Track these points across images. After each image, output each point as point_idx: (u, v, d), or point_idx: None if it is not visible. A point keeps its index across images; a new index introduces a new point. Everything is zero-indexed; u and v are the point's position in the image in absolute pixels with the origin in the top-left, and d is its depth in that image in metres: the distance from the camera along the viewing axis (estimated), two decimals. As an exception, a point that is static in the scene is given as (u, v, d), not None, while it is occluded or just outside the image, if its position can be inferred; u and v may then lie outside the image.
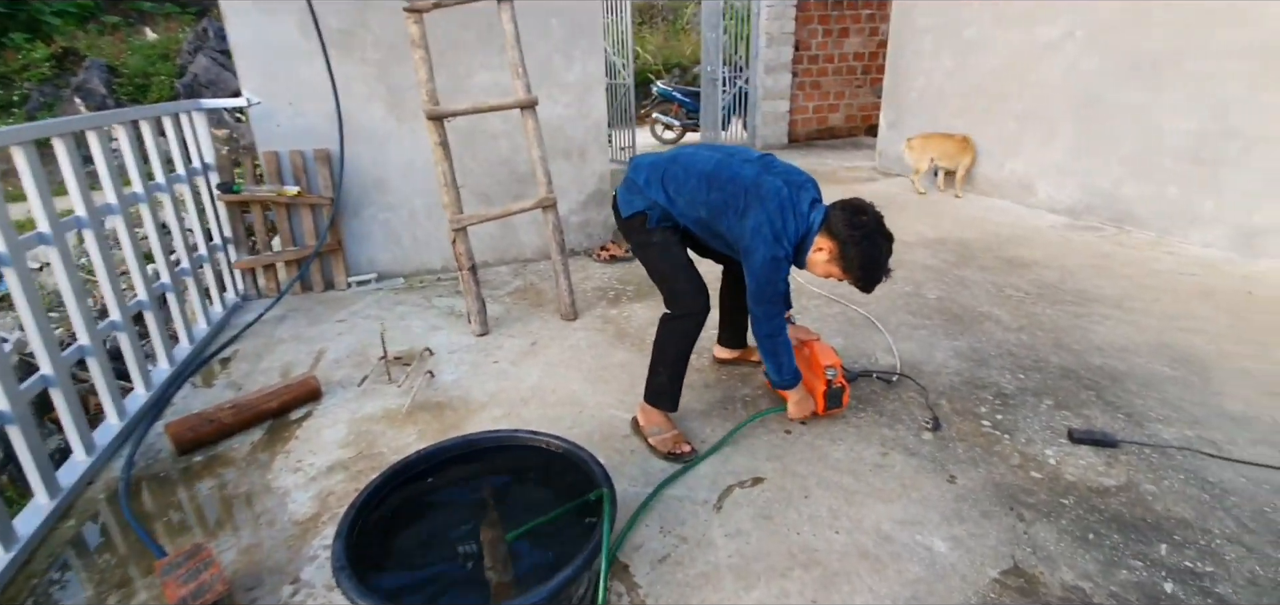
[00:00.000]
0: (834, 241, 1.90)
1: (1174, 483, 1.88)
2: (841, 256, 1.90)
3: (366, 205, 3.94)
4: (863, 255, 1.87)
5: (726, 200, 1.97)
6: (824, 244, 1.93)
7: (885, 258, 1.91)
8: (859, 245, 1.86)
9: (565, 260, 3.27)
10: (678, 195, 2.07)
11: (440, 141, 3.00)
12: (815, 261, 1.97)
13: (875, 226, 1.89)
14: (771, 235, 1.88)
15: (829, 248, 1.92)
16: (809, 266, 1.99)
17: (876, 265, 1.90)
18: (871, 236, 1.87)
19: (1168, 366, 2.58)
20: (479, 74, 3.85)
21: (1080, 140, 4.80)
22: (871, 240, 1.87)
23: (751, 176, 1.96)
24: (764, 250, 1.88)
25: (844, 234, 1.88)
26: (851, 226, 1.87)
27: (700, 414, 2.37)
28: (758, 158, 2.07)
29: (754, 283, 1.95)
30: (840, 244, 1.89)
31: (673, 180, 2.09)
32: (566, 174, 4.26)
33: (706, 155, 2.08)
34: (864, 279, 1.93)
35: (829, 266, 1.95)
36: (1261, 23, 3.65)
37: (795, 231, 1.92)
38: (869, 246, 1.87)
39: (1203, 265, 3.78)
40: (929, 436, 2.16)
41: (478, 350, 2.99)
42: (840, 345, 2.90)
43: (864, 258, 1.87)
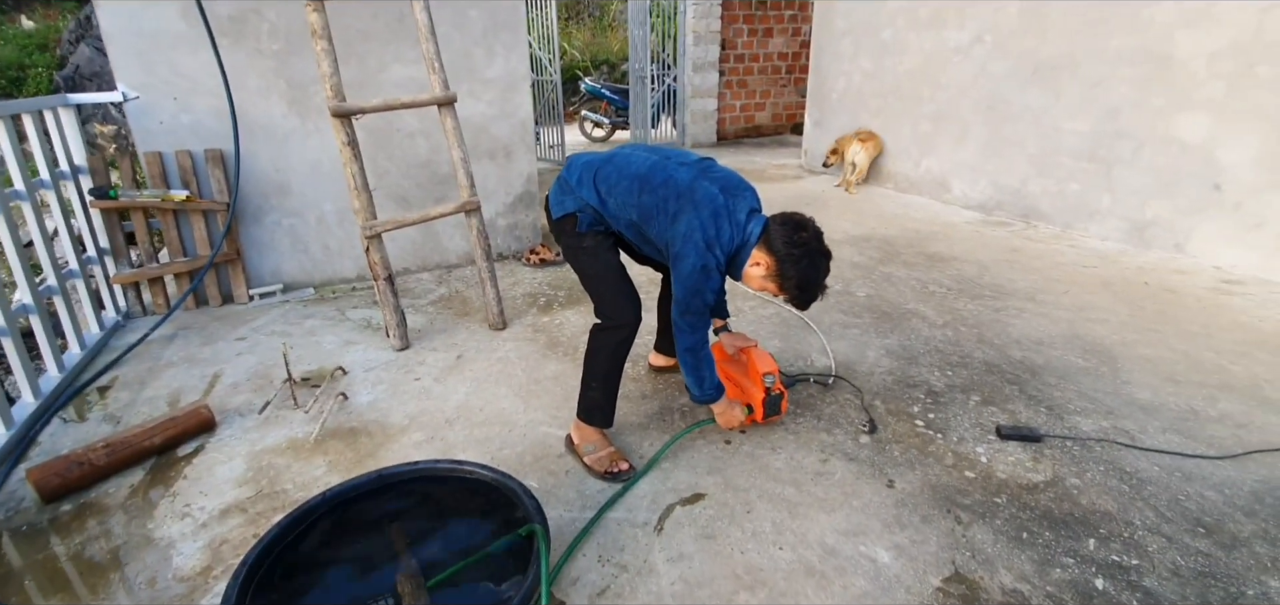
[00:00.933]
0: (772, 257, 1.83)
1: (1095, 475, 1.94)
2: (779, 274, 1.83)
3: (269, 211, 3.60)
4: (801, 274, 1.81)
5: (658, 203, 1.87)
6: (761, 259, 1.85)
7: (823, 276, 1.86)
8: (798, 264, 1.80)
9: (491, 266, 3.09)
10: (609, 196, 1.96)
11: (348, 141, 2.75)
12: (751, 276, 1.90)
13: (815, 244, 1.83)
14: (703, 242, 1.79)
15: (767, 263, 1.85)
16: (744, 280, 1.92)
17: (814, 285, 1.85)
18: (811, 255, 1.81)
19: (1080, 358, 2.71)
20: (392, 68, 3.59)
21: (989, 140, 5.04)
22: (811, 259, 1.81)
23: (686, 180, 1.86)
24: (694, 257, 1.79)
25: (783, 251, 1.81)
26: (791, 244, 1.80)
27: (637, 427, 2.27)
28: (696, 162, 1.98)
29: (681, 290, 1.85)
30: (778, 261, 1.82)
31: (605, 181, 1.97)
32: (492, 175, 4.06)
33: (642, 157, 1.98)
34: (801, 298, 1.87)
35: (765, 282, 1.88)
36: (1147, 30, 3.93)
37: (730, 240, 1.84)
38: (808, 266, 1.81)
39: (1101, 257, 4.03)
40: (866, 440, 2.16)
41: (397, 367, 2.78)
42: (776, 347, 2.87)
43: (802, 277, 1.82)
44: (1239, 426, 2.18)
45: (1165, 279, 3.63)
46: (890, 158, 6.03)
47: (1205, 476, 1.92)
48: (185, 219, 3.43)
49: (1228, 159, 3.67)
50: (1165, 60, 3.87)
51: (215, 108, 3.30)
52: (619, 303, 2.00)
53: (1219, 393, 2.40)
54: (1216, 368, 2.60)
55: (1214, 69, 3.65)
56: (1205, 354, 2.72)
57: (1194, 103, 3.77)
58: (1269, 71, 3.43)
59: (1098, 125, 4.29)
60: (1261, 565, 1.58)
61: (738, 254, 1.87)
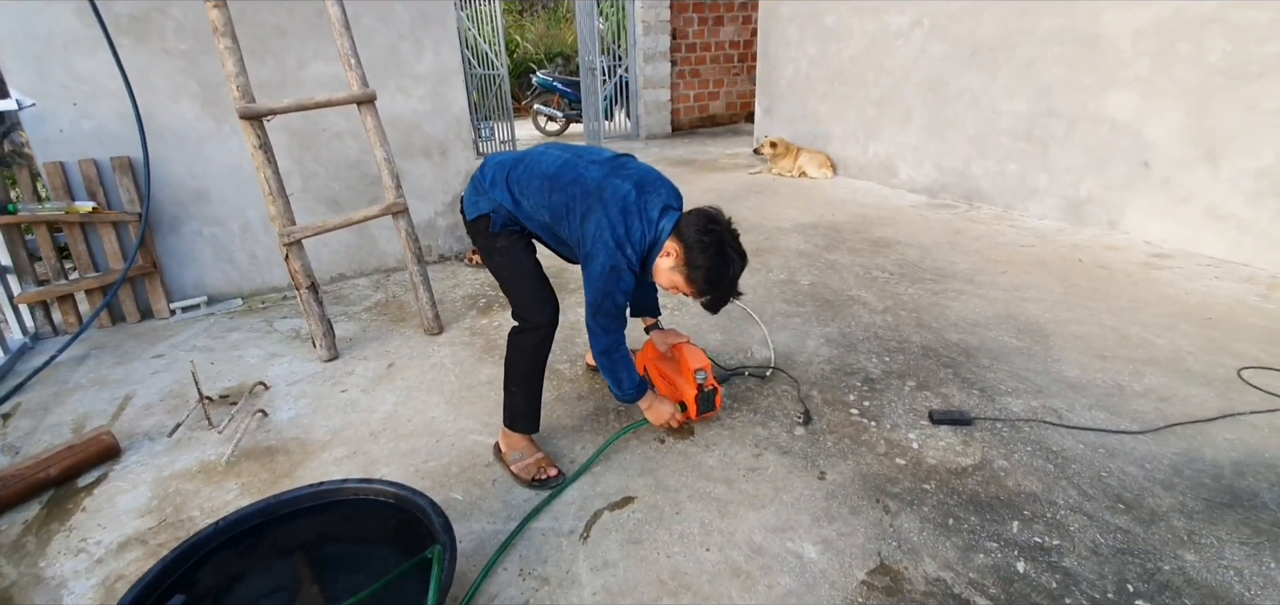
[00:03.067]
0: (681, 245, 1.77)
1: (1023, 456, 1.95)
2: (687, 263, 1.76)
3: (187, 220, 3.41)
4: (709, 265, 1.73)
5: (568, 203, 1.79)
6: (672, 248, 1.79)
7: (735, 275, 1.78)
8: (706, 253, 1.72)
9: (423, 270, 2.97)
10: (523, 197, 1.88)
11: (260, 144, 2.60)
12: (660, 267, 1.82)
13: (727, 239, 1.76)
14: (613, 241, 1.71)
15: (676, 252, 1.78)
16: (655, 274, 1.85)
17: (723, 281, 1.76)
18: (721, 248, 1.74)
19: (1014, 337, 2.74)
20: (313, 65, 3.43)
21: (932, 123, 5.09)
22: (721, 252, 1.73)
23: (596, 179, 1.79)
24: (603, 257, 1.71)
25: (692, 239, 1.74)
26: (701, 232, 1.74)
27: (570, 430, 2.20)
28: (609, 158, 1.91)
29: (592, 292, 1.77)
30: (687, 249, 1.75)
31: (517, 181, 1.89)
32: (428, 174, 3.93)
33: (554, 156, 1.90)
34: (709, 291, 1.78)
35: (673, 274, 1.81)
36: (1076, 12, 4.00)
37: (641, 238, 1.76)
38: (717, 258, 1.73)
39: (1039, 236, 4.11)
40: (801, 431, 2.13)
41: (324, 379, 2.65)
42: (717, 340, 2.84)
43: (710, 270, 1.73)
44: (1162, 400, 2.22)
45: (1099, 256, 3.71)
46: (838, 143, 6.06)
47: (1127, 452, 1.94)
48: (94, 232, 3.23)
49: (1155, 135, 3.77)
50: (1093, 40, 3.94)
51: (120, 112, 3.10)
52: (534, 303, 1.93)
53: (1144, 367, 2.45)
54: (1142, 342, 2.65)
55: (1139, 47, 3.74)
56: (1132, 329, 2.78)
57: (1121, 80, 3.86)
58: (1189, 47, 3.53)
59: (1032, 105, 4.36)
60: (1178, 539, 1.60)
61: (651, 251, 1.81)
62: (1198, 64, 3.50)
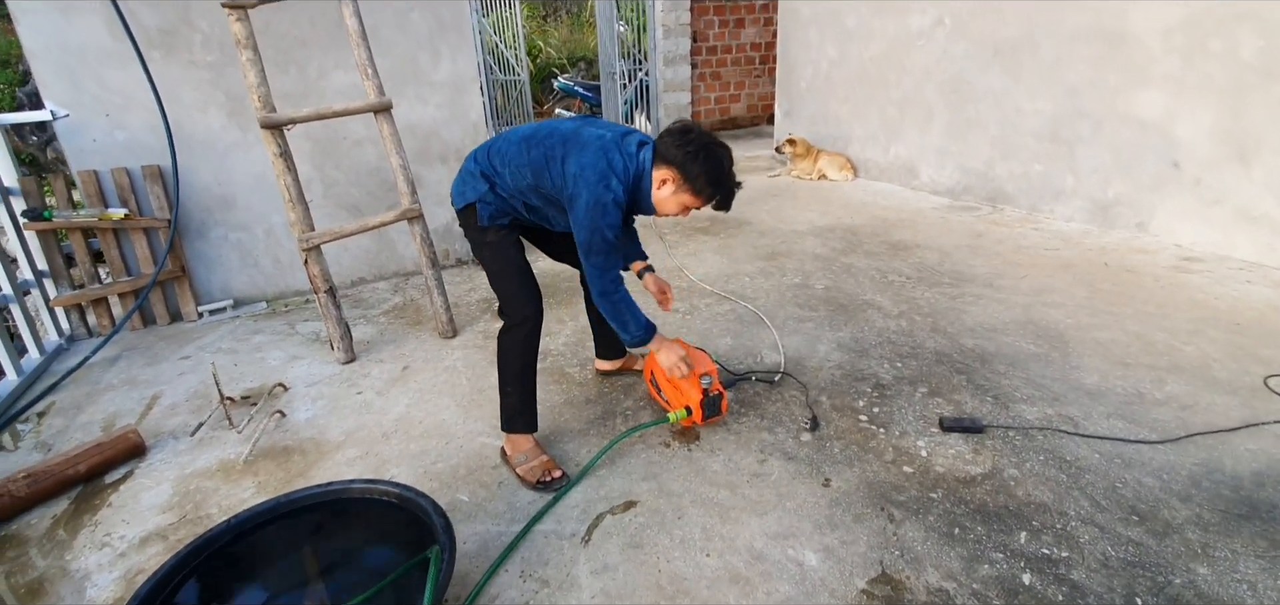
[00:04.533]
0: (671, 168, 1.80)
1: (1034, 465, 1.90)
2: (686, 180, 1.80)
3: (214, 225, 3.52)
4: (707, 169, 1.78)
5: (546, 154, 1.84)
6: (664, 175, 1.82)
7: (730, 166, 1.83)
8: (698, 160, 1.77)
9: (438, 274, 3.02)
10: (504, 168, 1.93)
11: (280, 152, 2.68)
12: (663, 198, 1.85)
13: (707, 139, 1.81)
14: (595, 175, 1.75)
15: (670, 176, 1.81)
16: (658, 207, 1.88)
17: (724, 174, 1.81)
18: (708, 149, 1.79)
19: (1032, 343, 2.68)
20: (333, 75, 3.51)
21: (954, 123, 5.01)
22: (709, 153, 1.78)
23: (571, 128, 1.88)
24: (587, 193, 1.75)
25: (679, 157, 1.78)
26: (684, 146, 1.78)
27: (578, 433, 2.22)
28: (580, 117, 1.96)
29: (582, 233, 1.79)
30: (679, 168, 1.79)
31: (498, 154, 1.95)
32: (445, 180, 3.98)
33: (528, 126, 1.99)
34: (716, 191, 1.82)
35: (678, 195, 1.83)
36: (1101, 9, 3.89)
37: (625, 170, 1.80)
38: (708, 159, 1.78)
39: (1064, 239, 4.01)
40: (808, 437, 2.11)
41: (340, 381, 2.71)
42: (728, 344, 2.83)
43: (709, 171, 1.78)
44: (1183, 408, 2.15)
45: (1125, 259, 3.60)
46: (859, 145, 5.99)
47: (1145, 462, 1.89)
48: (126, 237, 3.35)
49: (1185, 135, 3.65)
50: (1120, 37, 3.84)
51: (151, 123, 3.21)
52: (519, 297, 1.98)
53: (1167, 374, 2.37)
54: (1168, 348, 2.57)
55: (1168, 44, 3.63)
56: (1158, 334, 2.69)
57: (1150, 79, 3.75)
58: (1220, 44, 3.41)
59: (1058, 105, 4.26)
60: (1192, 552, 1.55)
61: (639, 184, 1.85)
62: (1230, 61, 3.39)
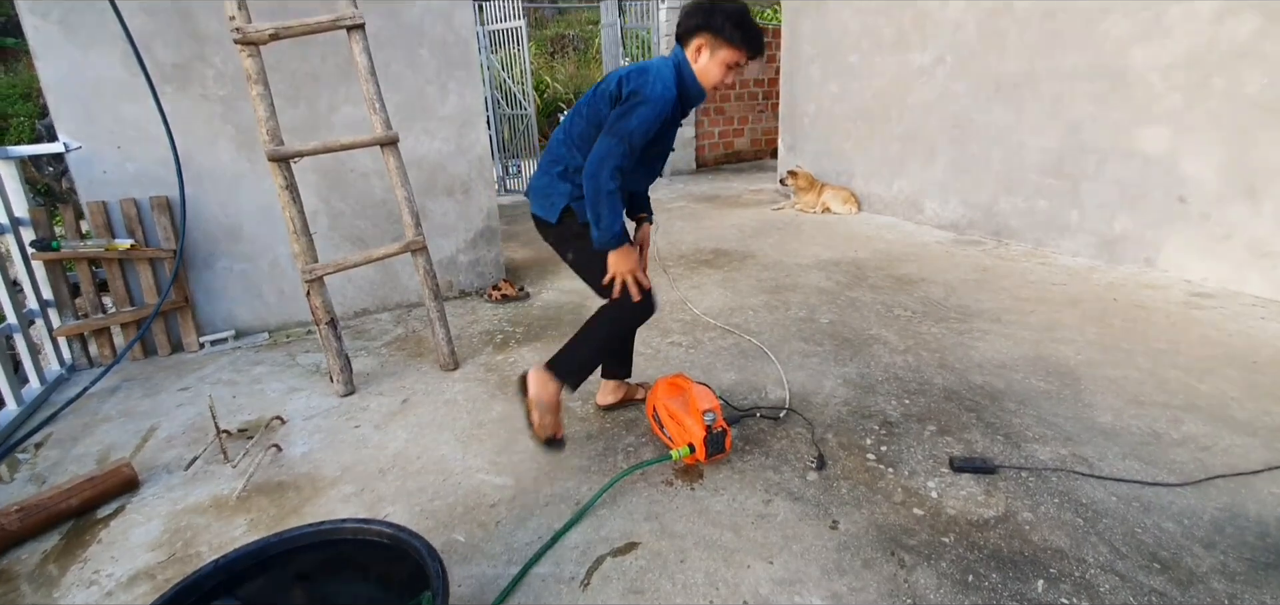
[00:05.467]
0: (699, 34, 1.91)
1: (1049, 508, 1.84)
2: (715, 34, 1.89)
3: (219, 256, 3.53)
4: (729, 17, 1.88)
5: (592, 97, 2.00)
6: (698, 42, 1.92)
7: (746, 9, 1.93)
8: (717, 13, 1.88)
9: (441, 306, 3.01)
10: (570, 152, 2.04)
11: (286, 185, 2.69)
12: (704, 67, 1.94)
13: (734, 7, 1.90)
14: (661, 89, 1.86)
15: (703, 41, 1.92)
16: (703, 77, 1.96)
17: (745, 17, 1.90)
18: (719, 4, 1.89)
19: (1042, 381, 2.62)
20: (343, 108, 3.55)
21: (957, 158, 5.01)
22: (723, 7, 1.89)
23: (622, 70, 1.98)
24: (650, 106, 1.85)
25: (701, 21, 1.90)
26: (700, 11, 1.90)
27: (578, 471, 2.17)
28: None
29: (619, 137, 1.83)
30: (705, 29, 1.90)
31: (568, 138, 2.05)
32: (451, 212, 4.01)
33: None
34: (745, 34, 1.90)
35: (716, 56, 1.92)
36: (1102, 45, 3.92)
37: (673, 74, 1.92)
38: (726, 11, 1.88)
39: (1071, 274, 3.97)
40: (814, 477, 2.06)
41: (339, 414, 2.68)
42: (733, 379, 2.79)
43: (732, 18, 1.88)
44: (1202, 450, 2.09)
45: (1135, 294, 3.56)
46: (862, 180, 6.01)
47: (1165, 506, 1.83)
48: (131, 267, 3.35)
49: (1191, 170, 3.64)
50: (1121, 74, 3.85)
51: (161, 155, 3.24)
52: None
53: (1184, 414, 2.31)
54: (1183, 387, 2.51)
55: (1170, 81, 3.64)
56: (1171, 372, 2.64)
57: (1153, 115, 3.75)
58: (1223, 82, 3.42)
59: (1061, 141, 4.27)
60: (1218, 603, 1.49)
61: (680, 75, 1.95)
62: (1234, 98, 3.39)
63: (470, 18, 3.76)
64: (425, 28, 3.64)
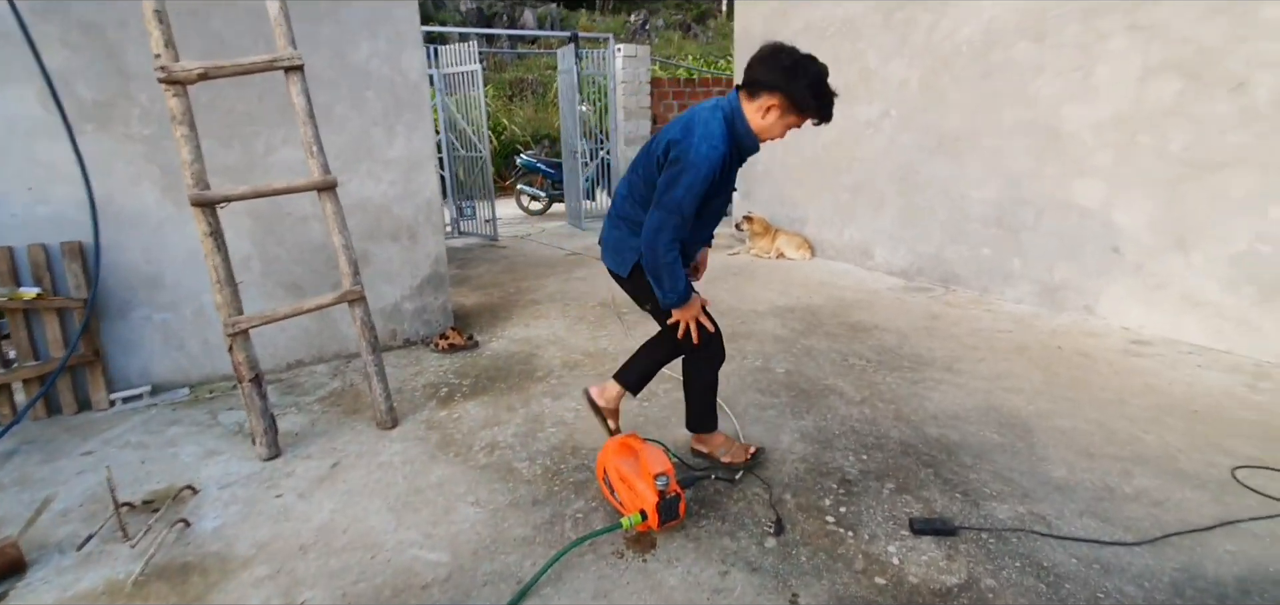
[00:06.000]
0: (774, 93, 1.83)
1: (1012, 573, 1.79)
2: (792, 100, 1.82)
3: (137, 305, 3.26)
4: (813, 85, 1.80)
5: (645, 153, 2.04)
6: (768, 102, 1.85)
7: (826, 76, 1.83)
8: (799, 77, 1.79)
9: (379, 359, 2.83)
10: (641, 202, 2.04)
11: (211, 231, 2.50)
12: (767, 125, 1.89)
13: (800, 56, 1.81)
14: (705, 145, 1.82)
15: (775, 102, 1.84)
16: (762, 134, 1.92)
17: (824, 87, 1.82)
18: (804, 65, 1.81)
19: (996, 432, 2.61)
20: (282, 150, 3.38)
21: (905, 208, 5.14)
22: (806, 69, 1.80)
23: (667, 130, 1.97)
24: (705, 148, 1.82)
25: (779, 80, 1.80)
26: (780, 68, 1.80)
27: (521, 542, 2.01)
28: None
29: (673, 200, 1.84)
30: (782, 91, 1.81)
31: (631, 194, 2.10)
32: (396, 257, 3.84)
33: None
34: (820, 104, 1.83)
35: (784, 119, 1.88)
36: (1036, 104, 4.10)
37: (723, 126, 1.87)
38: (807, 73, 1.80)
39: (1016, 321, 4.05)
40: (773, 543, 1.96)
41: (260, 481, 2.45)
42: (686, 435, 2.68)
43: (812, 86, 1.80)
44: (1155, 505, 2.08)
45: (1078, 342, 3.65)
46: (815, 226, 6.10)
47: (1124, 567, 1.79)
48: (37, 318, 3.06)
49: (1124, 223, 3.79)
50: (1056, 132, 4.02)
51: (77, 197, 3.00)
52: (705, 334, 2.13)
53: (1134, 466, 2.32)
54: (1130, 438, 2.54)
55: (1101, 138, 3.81)
56: (1119, 423, 2.67)
57: (1086, 170, 3.91)
58: (1151, 139, 3.59)
59: (1002, 193, 4.41)
60: (1185, 676, 1.44)
61: (733, 128, 1.89)
62: (1161, 155, 3.56)
63: (420, 60, 3.66)
64: (372, 70, 3.52)
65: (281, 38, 2.67)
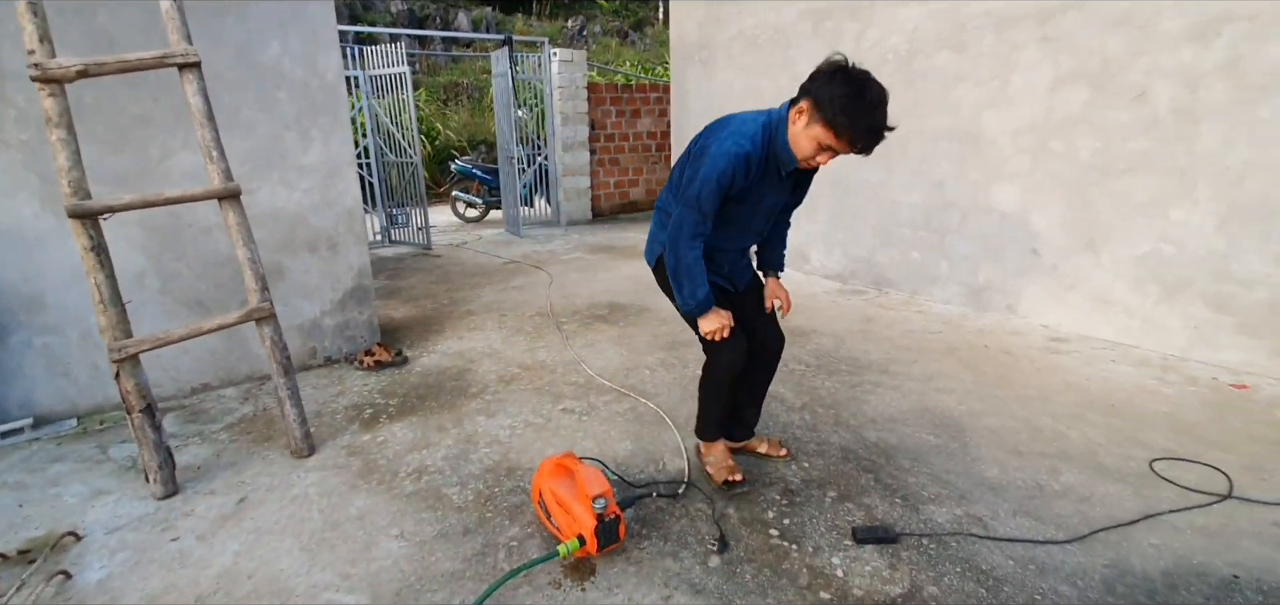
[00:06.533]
0: (806, 97, 1.69)
1: (953, 579, 1.79)
2: (818, 107, 1.64)
3: (15, 329, 2.90)
4: (843, 94, 1.59)
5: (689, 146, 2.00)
6: (801, 106, 1.71)
7: (874, 100, 1.59)
8: (834, 82, 1.60)
9: (292, 383, 2.61)
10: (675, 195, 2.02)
11: (92, 245, 2.24)
12: (796, 134, 1.74)
13: (849, 70, 1.63)
14: (732, 144, 1.76)
15: (806, 105, 1.69)
16: (794, 146, 1.77)
17: (862, 105, 1.59)
18: (844, 73, 1.61)
19: (931, 434, 2.65)
20: (180, 155, 3.09)
21: (838, 212, 5.24)
22: (847, 77, 1.60)
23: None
24: (722, 155, 1.76)
25: (813, 84, 1.66)
26: (822, 74, 1.65)
27: (450, 577, 1.87)
28: None
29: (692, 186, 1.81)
30: (813, 95, 1.66)
31: (671, 189, 2.09)
32: (315, 270, 3.58)
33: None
34: (852, 123, 1.60)
35: (810, 129, 1.70)
36: (957, 111, 4.25)
37: (760, 131, 1.79)
38: (846, 83, 1.59)
39: (945, 322, 4.18)
40: (716, 562, 1.89)
41: (153, 523, 2.20)
42: (628, 449, 2.60)
43: (844, 97, 1.58)
44: (1082, 501, 2.15)
45: (1002, 341, 3.78)
46: (753, 232, 6.15)
47: (1057, 566, 1.82)
48: (-119, 348, 2.67)
49: (1040, 226, 3.97)
50: (976, 138, 4.18)
51: (-68, 210, 2.64)
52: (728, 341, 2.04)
53: (1060, 464, 2.39)
54: (1055, 435, 2.62)
55: (1018, 145, 3.98)
56: (1043, 419, 2.76)
57: (1005, 175, 4.08)
58: (1061, 146, 3.77)
59: (928, 197, 4.55)
60: (1119, 675, 1.46)
61: (775, 137, 1.80)
62: (1071, 161, 3.75)
63: (337, 62, 3.44)
64: (284, 70, 3.28)
65: (174, 32, 2.43)
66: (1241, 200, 3.14)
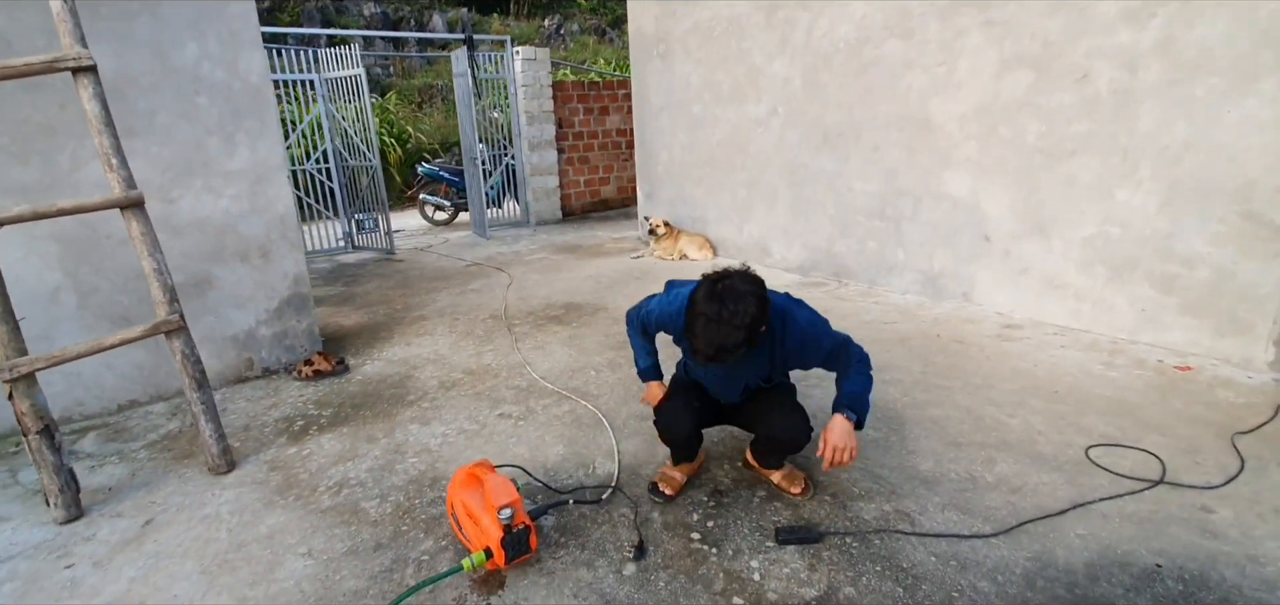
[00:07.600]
0: None
1: (871, 579, 1.73)
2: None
3: (-85, 350, 2.75)
4: (695, 320, 1.78)
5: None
6: None
7: (704, 326, 1.73)
8: (695, 307, 1.79)
9: (206, 396, 2.49)
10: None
11: (-24, 261, 2.11)
12: None
13: (707, 290, 1.77)
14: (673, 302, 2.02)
15: None
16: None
17: (703, 327, 1.74)
18: (694, 305, 1.80)
19: (872, 429, 2.59)
20: (92, 164, 2.95)
21: (796, 203, 5.19)
22: (707, 293, 1.77)
23: None
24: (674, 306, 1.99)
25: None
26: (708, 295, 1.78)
27: (352, 595, 1.78)
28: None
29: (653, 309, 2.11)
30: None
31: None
32: (247, 280, 3.46)
33: None
34: (691, 337, 1.81)
35: None
36: (907, 98, 4.21)
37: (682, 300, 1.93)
38: (709, 301, 1.75)
39: (901, 312, 4.14)
40: (631, 569, 1.82)
41: (50, 550, 2.08)
42: (560, 454, 2.52)
43: (696, 322, 1.77)
44: (1014, 492, 2.10)
45: (956, 329, 3.75)
46: (715, 225, 6.09)
47: (979, 562, 1.77)
48: None
49: (991, 211, 3.94)
50: (926, 124, 4.14)
51: None
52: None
53: (997, 453, 2.35)
54: (996, 424, 2.58)
55: (966, 130, 3.94)
56: (987, 408, 2.72)
57: (954, 161, 4.04)
58: (1008, 130, 3.74)
59: (882, 185, 4.51)
60: (1029, 674, 1.40)
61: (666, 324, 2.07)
62: (1018, 145, 3.72)
63: (262, 63, 3.31)
64: (203, 73, 3.15)
65: (66, 35, 2.30)
66: (1181, 179, 3.12)
